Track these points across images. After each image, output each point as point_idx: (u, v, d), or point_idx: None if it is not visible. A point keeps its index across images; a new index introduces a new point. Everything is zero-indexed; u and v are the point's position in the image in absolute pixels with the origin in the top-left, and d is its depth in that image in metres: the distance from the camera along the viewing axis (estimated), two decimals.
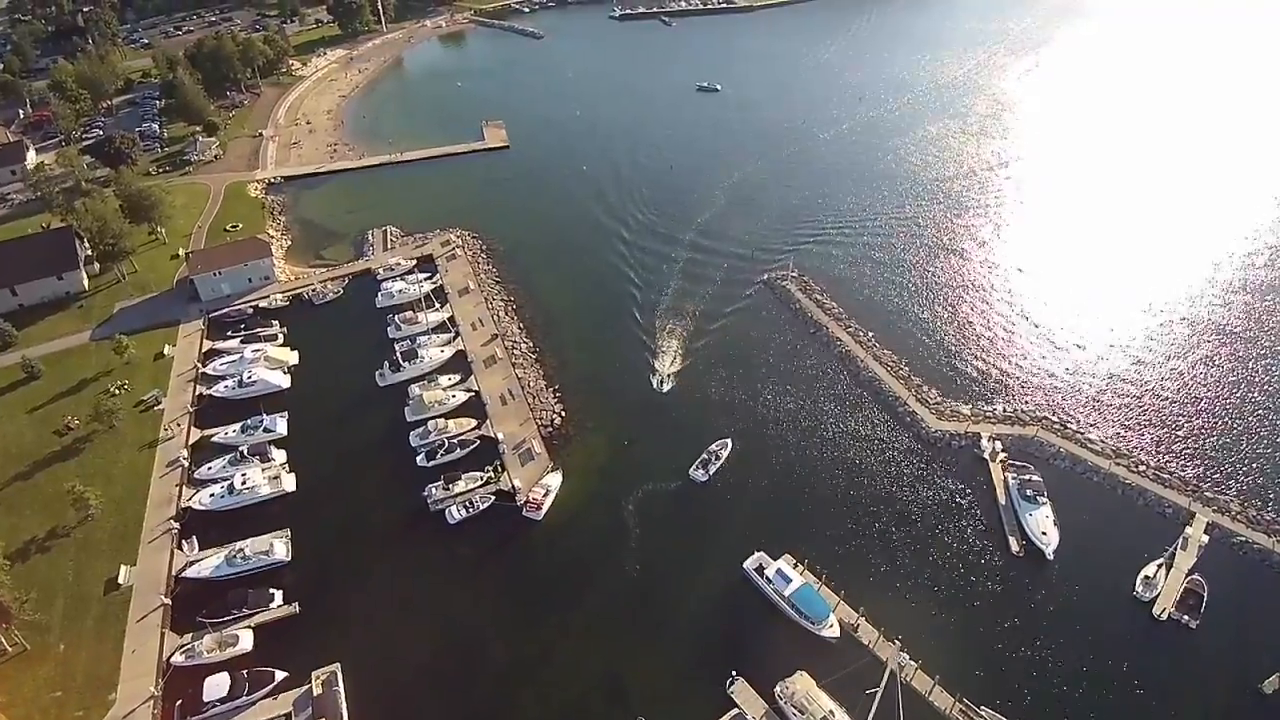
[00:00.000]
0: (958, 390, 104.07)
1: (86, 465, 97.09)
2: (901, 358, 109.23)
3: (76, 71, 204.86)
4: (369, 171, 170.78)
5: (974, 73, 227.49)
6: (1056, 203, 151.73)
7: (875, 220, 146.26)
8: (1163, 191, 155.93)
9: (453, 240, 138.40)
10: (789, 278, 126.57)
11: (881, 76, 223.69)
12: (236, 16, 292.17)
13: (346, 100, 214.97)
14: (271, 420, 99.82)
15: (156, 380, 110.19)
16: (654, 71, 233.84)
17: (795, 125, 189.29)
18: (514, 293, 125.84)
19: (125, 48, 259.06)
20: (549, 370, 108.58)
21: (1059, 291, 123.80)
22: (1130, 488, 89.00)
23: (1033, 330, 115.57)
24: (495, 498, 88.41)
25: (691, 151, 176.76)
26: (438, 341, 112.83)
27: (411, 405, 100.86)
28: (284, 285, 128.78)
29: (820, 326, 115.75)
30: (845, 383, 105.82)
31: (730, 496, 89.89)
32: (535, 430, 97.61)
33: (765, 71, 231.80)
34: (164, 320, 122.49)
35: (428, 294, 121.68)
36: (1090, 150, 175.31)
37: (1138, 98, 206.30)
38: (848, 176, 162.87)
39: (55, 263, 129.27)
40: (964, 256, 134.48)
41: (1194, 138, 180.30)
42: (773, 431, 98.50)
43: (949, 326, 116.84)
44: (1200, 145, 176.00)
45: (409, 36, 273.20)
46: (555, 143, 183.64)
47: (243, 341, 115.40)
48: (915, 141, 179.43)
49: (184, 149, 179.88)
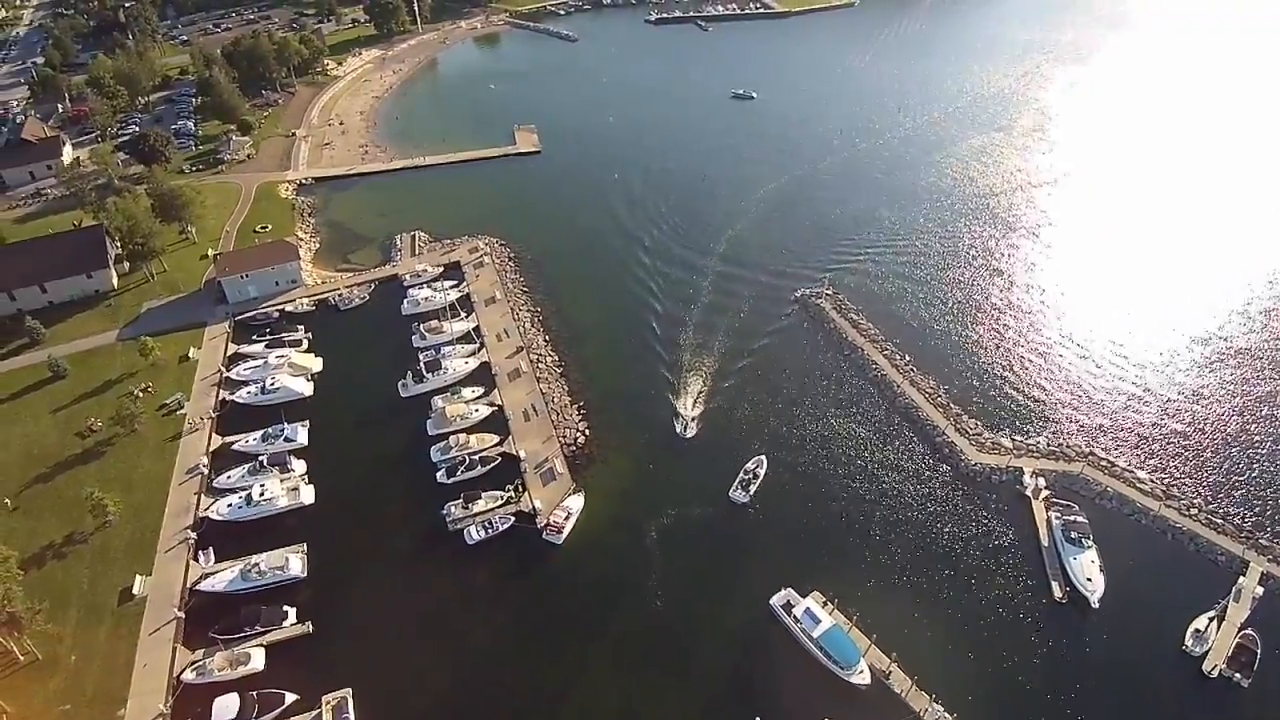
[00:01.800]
0: (999, 421, 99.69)
1: (107, 469, 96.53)
2: (940, 384, 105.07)
3: (115, 68, 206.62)
4: (400, 174, 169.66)
5: (1019, 84, 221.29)
6: (1105, 222, 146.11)
7: (914, 237, 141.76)
8: (1217, 212, 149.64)
9: (480, 247, 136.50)
10: (824, 295, 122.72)
11: (921, 86, 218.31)
12: (274, 15, 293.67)
13: (380, 101, 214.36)
14: (293, 429, 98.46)
15: (180, 383, 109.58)
16: (688, 77, 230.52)
17: (832, 135, 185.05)
18: (541, 303, 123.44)
19: (164, 44, 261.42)
20: (574, 386, 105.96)
21: (1107, 317, 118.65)
22: (1181, 532, 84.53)
23: (1078, 359, 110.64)
24: (515, 519, 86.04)
25: (726, 160, 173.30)
26: (462, 352, 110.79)
27: (433, 418, 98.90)
28: (310, 289, 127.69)
29: (855, 348, 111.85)
30: (881, 409, 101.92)
31: (758, 526, 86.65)
32: (558, 449, 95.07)
33: (801, 79, 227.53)
34: (190, 322, 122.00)
35: (453, 302, 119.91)
36: (1140, 166, 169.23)
37: (1188, 111, 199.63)
38: (887, 190, 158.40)
39: (85, 261, 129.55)
40: (1007, 278, 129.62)
41: (1247, 153, 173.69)
42: (803, 459, 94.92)
43: (990, 352, 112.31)
44: (1255, 161, 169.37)
45: (444, 37, 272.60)
46: (587, 148, 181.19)
47: (268, 346, 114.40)
48: (958, 155, 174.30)
49: (217, 148, 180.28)
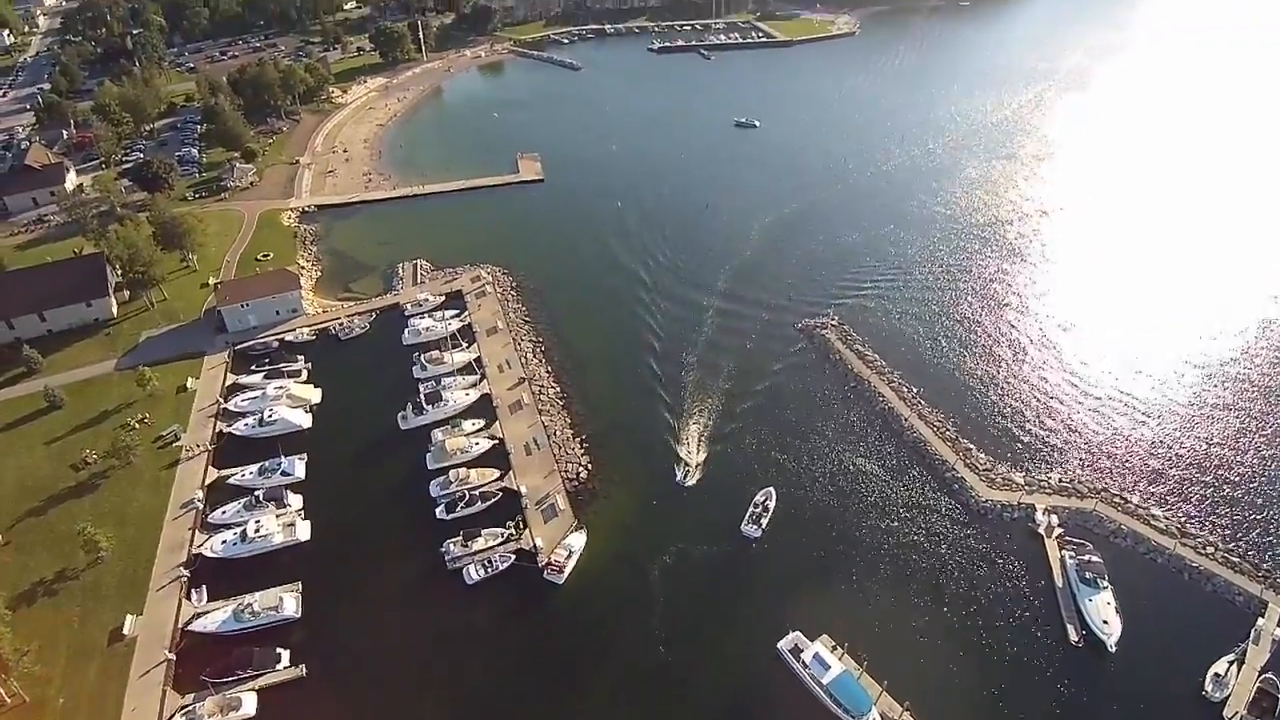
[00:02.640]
0: (1009, 456, 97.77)
1: (101, 503, 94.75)
2: (948, 417, 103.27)
3: (121, 94, 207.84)
4: (402, 202, 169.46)
5: (1021, 112, 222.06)
6: (1114, 252, 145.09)
7: (920, 267, 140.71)
8: (1228, 241, 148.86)
9: (483, 276, 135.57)
10: (829, 326, 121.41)
11: (923, 114, 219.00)
12: (281, 43, 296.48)
13: (384, 129, 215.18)
14: (290, 462, 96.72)
15: (177, 414, 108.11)
16: (692, 106, 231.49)
17: (835, 164, 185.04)
18: (543, 333, 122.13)
19: (170, 71, 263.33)
20: (576, 418, 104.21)
21: (1117, 349, 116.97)
22: (1198, 571, 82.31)
23: (1089, 391, 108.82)
24: (515, 557, 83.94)
25: (729, 189, 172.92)
26: (463, 383, 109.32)
27: (433, 452, 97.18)
28: (311, 318, 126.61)
29: (861, 380, 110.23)
30: (889, 443, 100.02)
31: (765, 563, 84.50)
32: (560, 484, 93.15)
33: (804, 107, 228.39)
34: (189, 351, 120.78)
35: (455, 332, 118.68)
36: (1148, 194, 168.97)
37: (1192, 136, 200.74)
38: (891, 219, 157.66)
39: (85, 289, 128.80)
40: (1015, 309, 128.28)
41: (1256, 180, 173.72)
42: (811, 494, 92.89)
43: (998, 384, 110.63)
44: (1264, 189, 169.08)
45: (448, 66, 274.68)
46: (590, 177, 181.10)
47: (266, 377, 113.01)
48: (962, 184, 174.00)
49: (221, 175, 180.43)
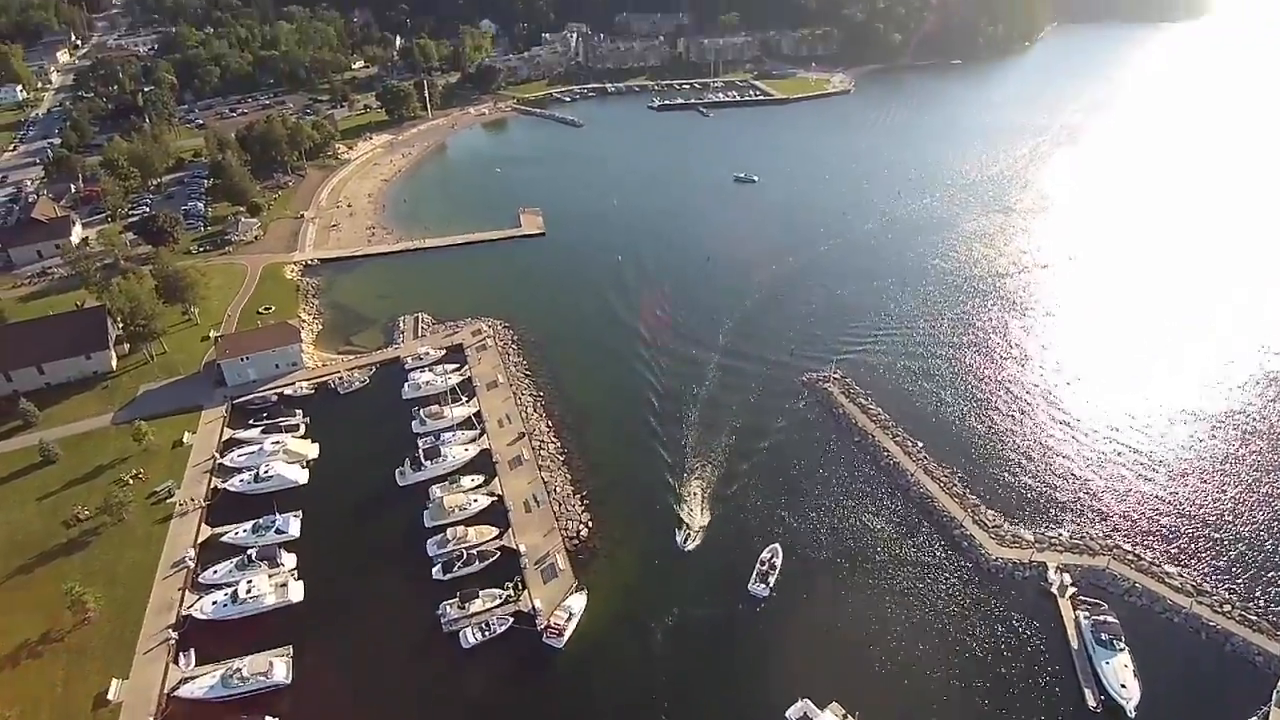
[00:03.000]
0: (1018, 511, 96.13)
1: (91, 561, 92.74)
2: (955, 472, 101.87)
3: (129, 150, 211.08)
4: (405, 255, 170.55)
5: (1016, 167, 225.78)
6: (1115, 305, 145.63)
7: (921, 320, 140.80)
8: (1229, 291, 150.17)
9: (484, 330, 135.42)
10: (831, 379, 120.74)
11: (919, 169, 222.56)
12: (290, 101, 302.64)
13: (388, 184, 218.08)
14: (284, 520, 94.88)
15: (172, 470, 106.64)
16: (691, 161, 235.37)
17: (834, 218, 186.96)
18: (544, 388, 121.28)
19: (180, 127, 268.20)
20: (577, 474, 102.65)
21: (1123, 403, 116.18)
22: (1215, 631, 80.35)
23: (1095, 445, 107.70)
24: (514, 620, 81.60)
25: (729, 242, 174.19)
26: (462, 439, 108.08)
27: (431, 509, 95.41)
28: (311, 372, 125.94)
29: (866, 434, 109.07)
30: (896, 499, 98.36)
31: (772, 625, 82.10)
32: (560, 542, 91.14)
33: (802, 163, 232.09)
34: (187, 405, 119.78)
35: (454, 387, 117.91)
36: (1146, 247, 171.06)
37: (1186, 191, 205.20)
38: (890, 272, 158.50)
39: (85, 342, 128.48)
40: (1018, 362, 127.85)
41: (1252, 233, 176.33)
42: (817, 553, 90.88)
43: (1004, 438, 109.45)
44: (1262, 242, 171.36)
45: (453, 123, 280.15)
46: (592, 231, 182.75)
47: (263, 431, 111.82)
48: (960, 236, 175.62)
49: (226, 228, 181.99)
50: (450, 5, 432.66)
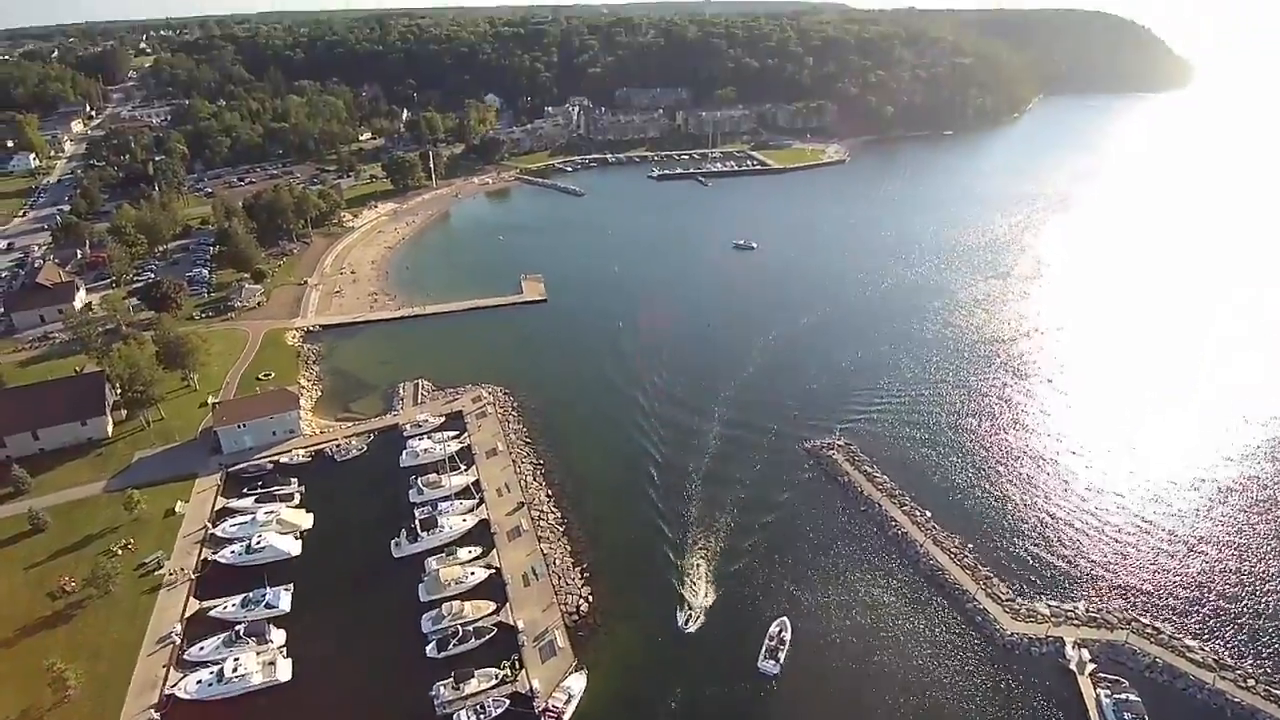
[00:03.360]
0: (1032, 583, 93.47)
1: (75, 635, 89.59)
2: (965, 542, 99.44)
3: (137, 217, 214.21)
4: (407, 321, 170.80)
5: (1010, 233, 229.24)
6: (1118, 369, 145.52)
7: (923, 386, 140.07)
8: (1233, 353, 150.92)
9: (484, 396, 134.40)
10: (835, 446, 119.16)
11: (915, 236, 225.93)
12: (297, 171, 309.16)
13: (392, 251, 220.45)
14: (275, 594, 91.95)
15: (162, 540, 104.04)
16: (691, 229, 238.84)
17: (832, 284, 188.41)
18: (544, 456, 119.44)
19: (189, 195, 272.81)
20: (577, 546, 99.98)
21: (1134, 470, 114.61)
22: (1240, 707, 77.64)
23: (1108, 514, 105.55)
24: (510, 702, 78.07)
25: (729, 309, 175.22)
26: (460, 508, 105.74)
27: (426, 582, 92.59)
28: (308, 439, 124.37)
29: (872, 503, 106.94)
30: (906, 571, 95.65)
31: (781, 707, 78.49)
32: (559, 618, 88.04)
33: (800, 231, 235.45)
34: (181, 473, 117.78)
35: (453, 454, 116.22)
36: (1144, 311, 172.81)
37: (1179, 253, 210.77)
38: (890, 338, 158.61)
39: (81, 408, 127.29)
40: (1024, 429, 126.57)
41: (1246, 293, 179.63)
42: (826, 629, 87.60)
43: (1014, 506, 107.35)
44: (1261, 304, 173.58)
45: (456, 192, 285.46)
46: (593, 297, 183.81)
47: (257, 501, 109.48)
48: (959, 303, 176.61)
49: (229, 295, 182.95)
50: (456, 80, 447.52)
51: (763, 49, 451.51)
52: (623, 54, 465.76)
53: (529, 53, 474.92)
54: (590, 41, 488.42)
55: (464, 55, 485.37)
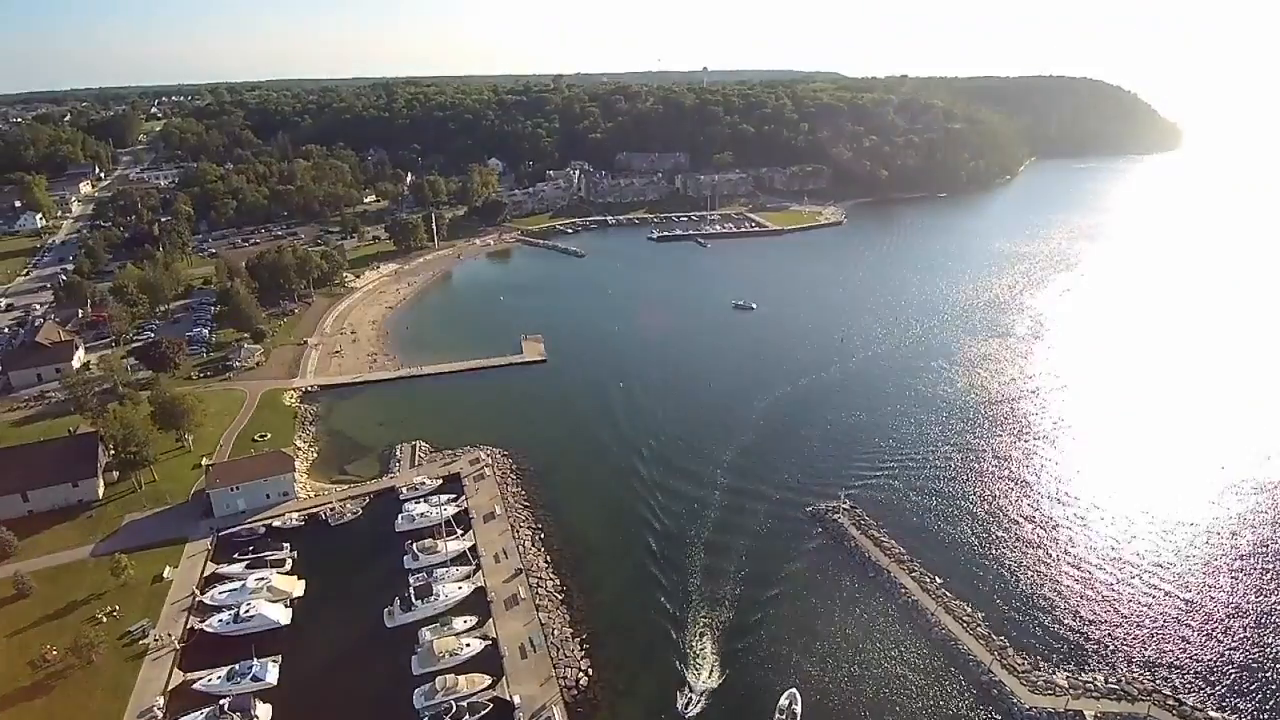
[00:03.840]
0: (1048, 652, 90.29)
1: (53, 707, 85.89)
2: (977, 610, 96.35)
3: (140, 277, 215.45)
4: (406, 382, 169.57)
5: (1009, 292, 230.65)
6: (1128, 428, 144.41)
7: (928, 447, 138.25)
8: (1236, 410, 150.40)
9: (482, 458, 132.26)
10: (840, 510, 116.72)
11: (914, 295, 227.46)
12: (301, 231, 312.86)
13: (393, 311, 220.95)
14: (262, 666, 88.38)
15: (149, 608, 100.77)
16: (691, 290, 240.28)
17: (832, 343, 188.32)
18: (543, 519, 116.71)
19: (193, 255, 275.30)
20: (577, 615, 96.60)
21: (1150, 533, 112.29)
22: None
23: (1127, 578, 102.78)
24: None
25: (730, 369, 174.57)
26: (456, 575, 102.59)
27: (420, 654, 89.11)
28: (302, 502, 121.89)
29: (881, 569, 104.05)
30: (916, 641, 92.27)
31: None
32: (558, 693, 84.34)
33: (799, 290, 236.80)
34: (171, 537, 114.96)
35: (450, 519, 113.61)
36: (1148, 369, 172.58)
37: (1178, 310, 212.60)
38: (893, 398, 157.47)
39: (73, 470, 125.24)
40: (1034, 489, 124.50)
41: (1245, 349, 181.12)
42: (837, 704, 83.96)
43: (1026, 571, 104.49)
44: (1255, 356, 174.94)
45: (458, 253, 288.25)
46: (593, 358, 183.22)
47: (248, 566, 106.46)
48: (960, 362, 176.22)
49: (228, 354, 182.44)
50: (460, 145, 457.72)
51: (758, 115, 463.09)
52: (623, 120, 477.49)
53: (531, 118, 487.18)
54: (591, 108, 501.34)
55: (468, 121, 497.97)
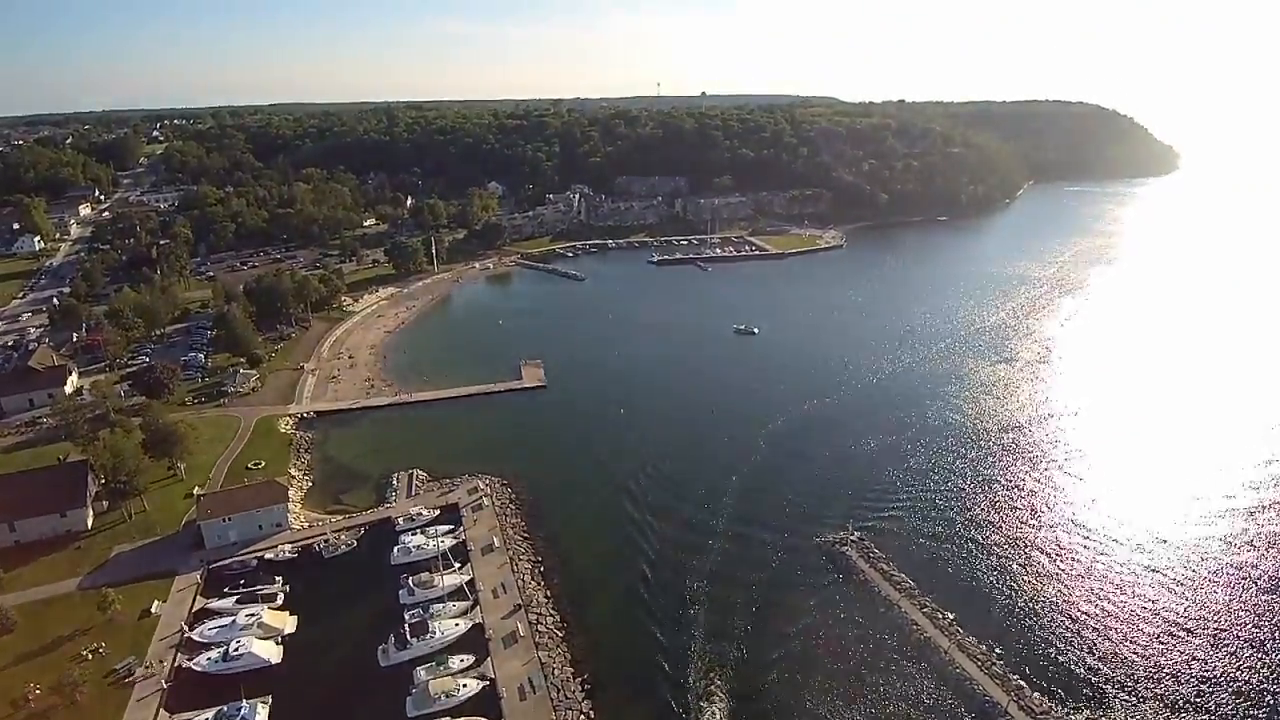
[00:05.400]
0: (1065, 692, 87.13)
1: None
2: (992, 647, 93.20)
3: (136, 300, 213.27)
4: (404, 408, 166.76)
5: (1014, 317, 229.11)
6: (1141, 454, 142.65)
7: (938, 475, 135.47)
8: (1250, 434, 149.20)
9: (480, 488, 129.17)
10: (849, 542, 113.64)
11: (917, 320, 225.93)
12: (300, 255, 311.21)
13: (391, 335, 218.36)
14: (250, 708, 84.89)
15: (136, 644, 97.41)
16: (692, 314, 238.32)
17: (835, 369, 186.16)
18: (542, 551, 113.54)
19: (190, 279, 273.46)
20: (578, 654, 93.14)
21: (1171, 563, 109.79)
22: None
23: (1146, 613, 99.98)
24: None
25: (732, 394, 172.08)
26: (453, 611, 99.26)
27: (415, 696, 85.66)
28: (296, 534, 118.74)
29: (891, 604, 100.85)
30: (930, 680, 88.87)
31: None
32: None
33: (800, 315, 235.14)
34: (160, 570, 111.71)
35: (447, 551, 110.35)
36: (1159, 392, 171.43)
37: (1189, 334, 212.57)
38: (898, 425, 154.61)
39: (61, 499, 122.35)
40: (1047, 519, 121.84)
41: (1255, 373, 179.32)
42: None
43: (1042, 606, 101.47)
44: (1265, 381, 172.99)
45: (457, 277, 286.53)
46: (593, 383, 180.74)
47: (239, 601, 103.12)
48: (968, 388, 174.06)
49: (223, 380, 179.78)
50: (460, 168, 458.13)
51: (757, 139, 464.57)
52: (622, 144, 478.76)
53: (531, 143, 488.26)
54: (591, 132, 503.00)
55: (468, 145, 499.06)
